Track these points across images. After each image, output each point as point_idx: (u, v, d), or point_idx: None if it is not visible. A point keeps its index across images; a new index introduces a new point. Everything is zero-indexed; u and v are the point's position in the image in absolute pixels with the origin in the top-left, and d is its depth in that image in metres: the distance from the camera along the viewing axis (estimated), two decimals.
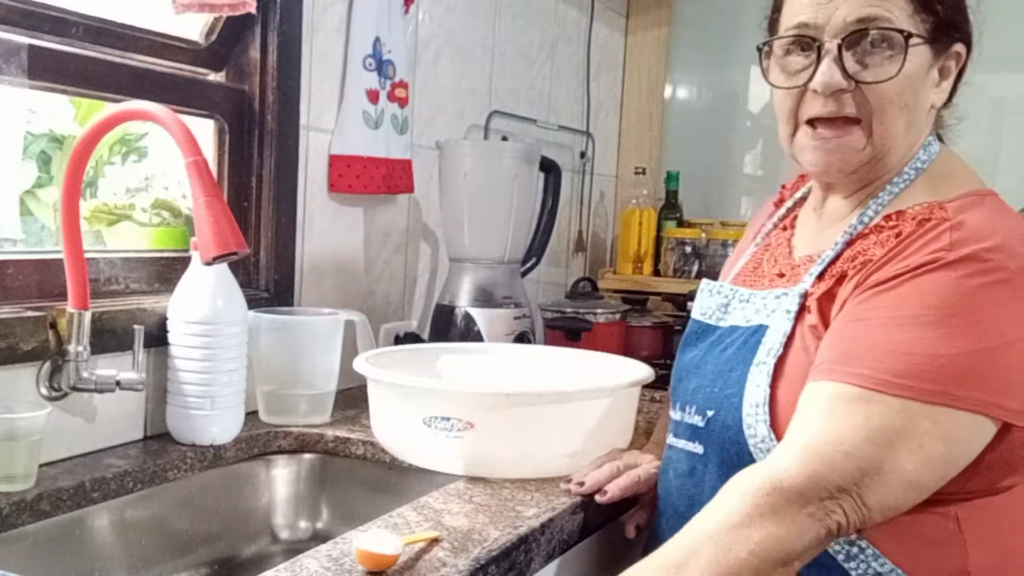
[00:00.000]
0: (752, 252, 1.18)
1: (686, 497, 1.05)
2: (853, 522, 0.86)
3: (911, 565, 0.93)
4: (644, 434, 1.40)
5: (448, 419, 1.14)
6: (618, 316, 1.93)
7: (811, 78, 0.99)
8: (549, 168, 1.84)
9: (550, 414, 1.16)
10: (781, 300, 1.03)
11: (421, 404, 1.16)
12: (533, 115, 2.21)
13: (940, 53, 1.01)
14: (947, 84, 1.03)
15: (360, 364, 1.25)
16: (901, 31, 0.96)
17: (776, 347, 0.99)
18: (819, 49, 0.98)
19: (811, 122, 1.01)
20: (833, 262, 1.01)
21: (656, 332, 2.08)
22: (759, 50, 1.06)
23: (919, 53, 0.98)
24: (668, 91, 2.69)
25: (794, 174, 1.25)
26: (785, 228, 1.16)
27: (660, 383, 1.50)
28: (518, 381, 1.42)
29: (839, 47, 0.97)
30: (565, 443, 1.17)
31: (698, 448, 1.04)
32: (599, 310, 1.90)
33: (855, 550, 0.94)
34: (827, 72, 0.97)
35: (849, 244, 1.01)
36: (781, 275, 1.09)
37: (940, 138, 1.10)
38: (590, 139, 2.46)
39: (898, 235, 0.96)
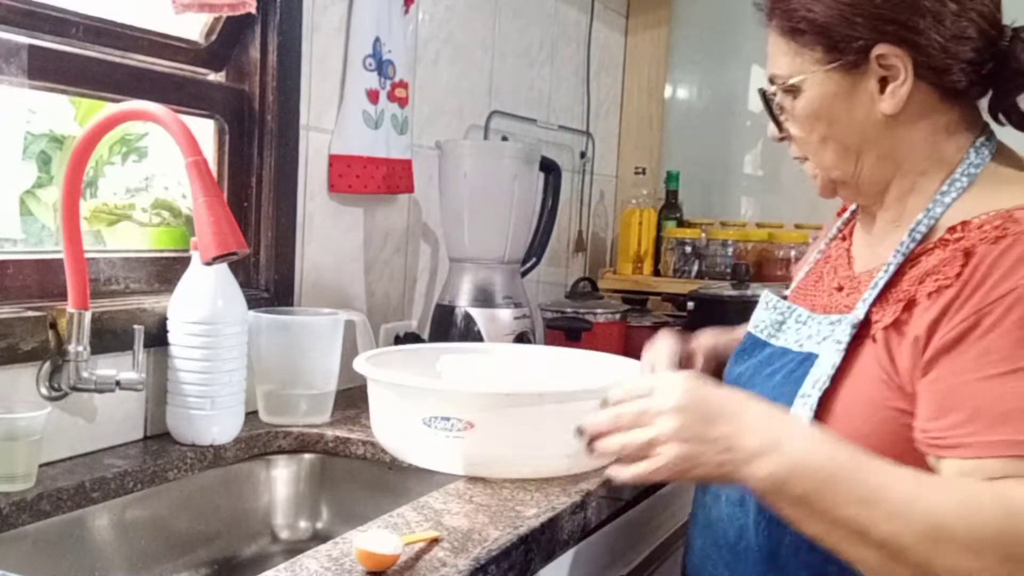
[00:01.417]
0: (815, 260, 1.15)
1: (737, 526, 1.01)
2: None
3: None
4: None
5: (448, 419, 1.14)
6: (618, 316, 1.93)
7: None
8: (549, 168, 1.84)
9: (550, 414, 1.15)
10: (834, 328, 0.98)
11: (421, 404, 1.16)
12: (533, 115, 2.21)
13: (857, 66, 0.96)
14: (896, 87, 0.95)
15: (360, 364, 1.25)
16: (765, 91, 1.04)
17: (823, 380, 0.94)
18: None
19: None
20: (892, 283, 0.95)
21: (656, 332, 2.08)
22: None
23: (815, 84, 0.99)
24: (668, 91, 2.69)
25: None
26: (844, 238, 1.13)
27: None
28: (518, 381, 1.42)
29: (771, 103, 1.05)
30: (565, 443, 1.15)
31: None
32: (599, 310, 1.90)
33: None
34: (771, 126, 1.07)
35: (910, 260, 0.95)
36: (840, 288, 1.04)
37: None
38: (590, 139, 2.46)
39: (968, 253, 0.89)
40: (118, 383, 1.15)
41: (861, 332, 0.94)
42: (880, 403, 0.91)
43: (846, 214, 1.16)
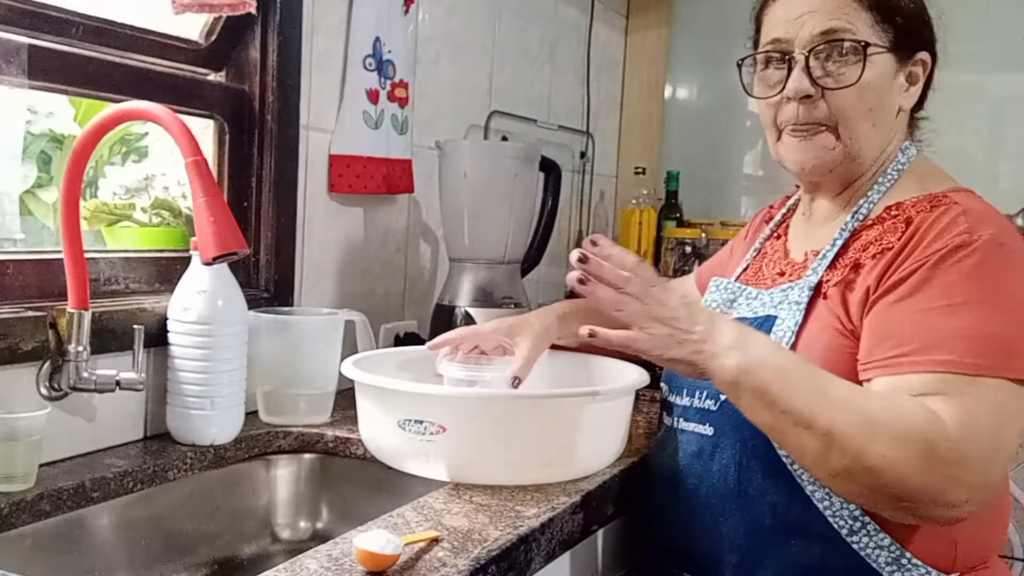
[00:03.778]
0: (751, 258, 1.27)
1: (694, 475, 1.12)
2: (976, 501, 0.92)
3: (907, 539, 1.01)
4: (644, 436, 1.40)
5: (421, 422, 1.12)
6: None
7: (784, 87, 1.10)
8: (549, 168, 1.84)
9: (524, 419, 1.12)
10: (787, 293, 1.11)
11: (394, 406, 1.14)
12: (533, 115, 2.21)
13: (905, 60, 1.11)
14: (916, 89, 1.13)
15: (346, 366, 1.22)
16: (859, 41, 1.07)
17: (788, 335, 1.06)
18: (790, 61, 1.10)
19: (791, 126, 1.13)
20: (841, 253, 1.09)
21: None
22: (739, 66, 1.18)
23: (881, 61, 1.08)
24: (668, 91, 2.69)
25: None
26: (779, 236, 1.25)
27: (658, 384, 1.49)
28: (499, 384, 1.40)
29: (806, 57, 1.08)
30: (541, 450, 1.14)
31: (708, 430, 1.11)
32: None
33: (857, 524, 1.01)
34: (797, 80, 1.09)
35: (854, 236, 1.09)
36: (782, 274, 1.17)
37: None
38: (590, 139, 2.46)
39: (908, 221, 1.04)
40: (118, 383, 1.15)
41: (815, 294, 1.08)
42: (836, 348, 1.03)
43: (773, 221, 1.28)
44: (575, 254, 0.98)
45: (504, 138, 2.04)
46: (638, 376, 1.24)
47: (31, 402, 1.11)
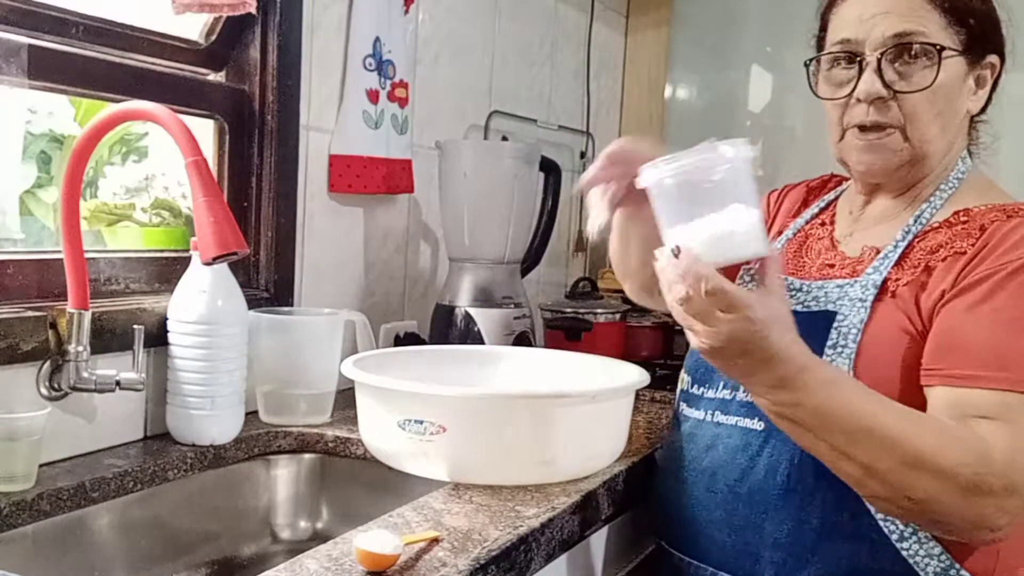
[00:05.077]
0: (786, 240, 1.23)
1: (738, 470, 1.09)
2: (1014, 523, 0.93)
3: (958, 549, 1.00)
4: (645, 436, 1.40)
5: (421, 422, 1.12)
6: (618, 316, 1.93)
7: (855, 88, 1.08)
8: (549, 168, 1.84)
9: (524, 419, 1.12)
10: (846, 289, 1.08)
11: (394, 406, 1.14)
12: (533, 115, 2.21)
13: (975, 63, 1.09)
14: (983, 92, 1.11)
15: (346, 366, 1.22)
16: (934, 45, 1.05)
17: (854, 332, 1.04)
18: (861, 62, 1.07)
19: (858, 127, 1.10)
20: (906, 254, 1.07)
21: (656, 332, 2.08)
22: (806, 66, 1.16)
23: (953, 64, 1.07)
24: (668, 91, 2.69)
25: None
26: (824, 224, 1.22)
27: (658, 384, 1.49)
28: (496, 383, 1.39)
29: (879, 60, 1.06)
30: (540, 450, 1.13)
31: (757, 424, 1.09)
32: (599, 310, 1.90)
33: (908, 531, 1.00)
34: (868, 82, 1.06)
35: (918, 238, 1.08)
36: (831, 266, 1.14)
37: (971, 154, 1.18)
38: (590, 139, 2.46)
39: (982, 228, 1.03)
40: (118, 383, 1.15)
41: (883, 289, 1.06)
42: (902, 348, 1.02)
43: (813, 207, 1.25)
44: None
45: (504, 138, 2.04)
46: (638, 376, 1.24)
47: (31, 402, 1.11)
